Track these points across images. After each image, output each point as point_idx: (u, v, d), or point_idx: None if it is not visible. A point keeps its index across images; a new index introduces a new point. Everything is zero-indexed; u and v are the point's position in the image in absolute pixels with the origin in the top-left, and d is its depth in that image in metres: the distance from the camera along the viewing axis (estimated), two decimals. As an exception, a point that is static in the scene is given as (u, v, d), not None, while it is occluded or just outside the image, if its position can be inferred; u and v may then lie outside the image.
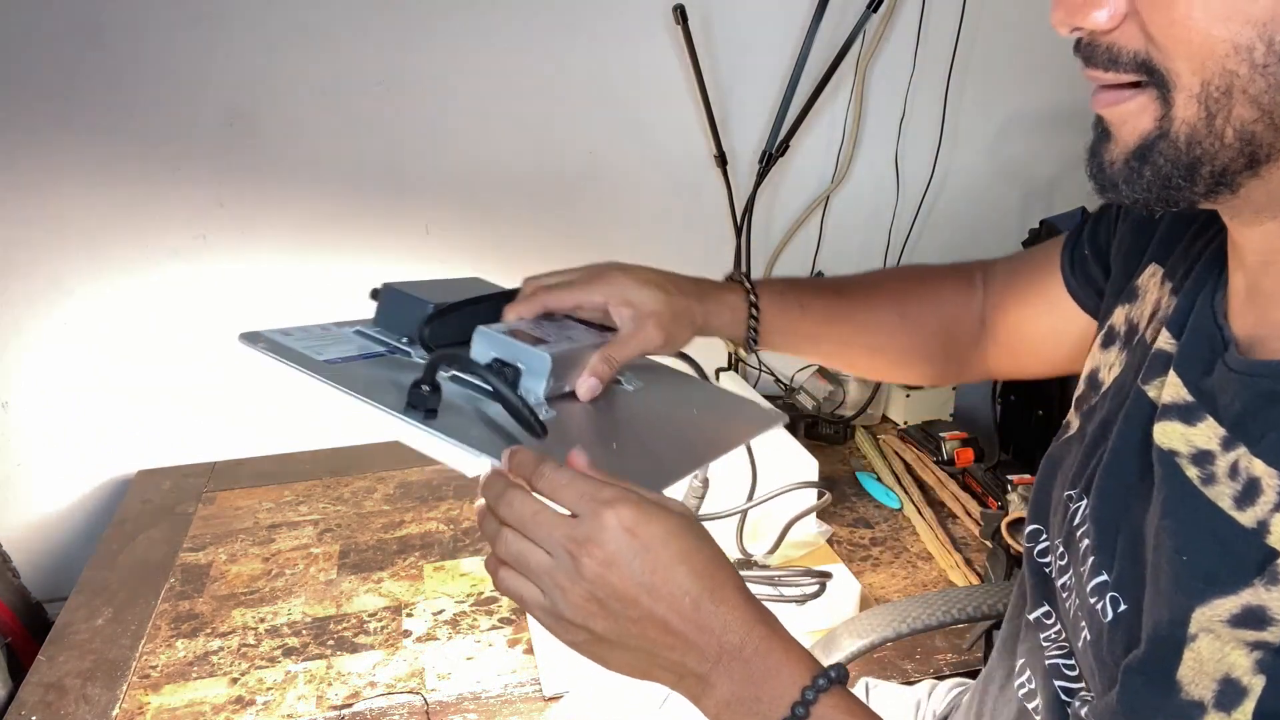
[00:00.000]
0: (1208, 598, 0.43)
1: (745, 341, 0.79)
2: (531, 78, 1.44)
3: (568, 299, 0.71)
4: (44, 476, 1.47)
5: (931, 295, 0.83)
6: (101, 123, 1.32)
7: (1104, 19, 0.45)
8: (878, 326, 0.82)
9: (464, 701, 1.00)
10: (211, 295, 1.44)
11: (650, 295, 0.71)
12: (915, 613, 0.88)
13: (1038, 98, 1.66)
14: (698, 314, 0.74)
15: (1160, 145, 0.45)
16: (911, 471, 1.46)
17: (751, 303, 0.78)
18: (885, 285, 0.85)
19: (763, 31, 1.50)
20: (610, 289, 0.71)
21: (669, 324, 0.71)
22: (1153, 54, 0.44)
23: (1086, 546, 0.54)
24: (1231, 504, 0.44)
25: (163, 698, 1.02)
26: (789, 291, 0.80)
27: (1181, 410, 0.49)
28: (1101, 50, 0.46)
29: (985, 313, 0.83)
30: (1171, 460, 0.48)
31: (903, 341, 0.83)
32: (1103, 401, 0.60)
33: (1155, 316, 0.58)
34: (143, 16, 1.28)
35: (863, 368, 0.88)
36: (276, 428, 1.55)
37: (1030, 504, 0.66)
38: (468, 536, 1.31)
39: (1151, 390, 0.53)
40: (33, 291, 1.38)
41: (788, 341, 0.81)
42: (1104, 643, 0.50)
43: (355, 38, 1.36)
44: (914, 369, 0.85)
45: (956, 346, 0.83)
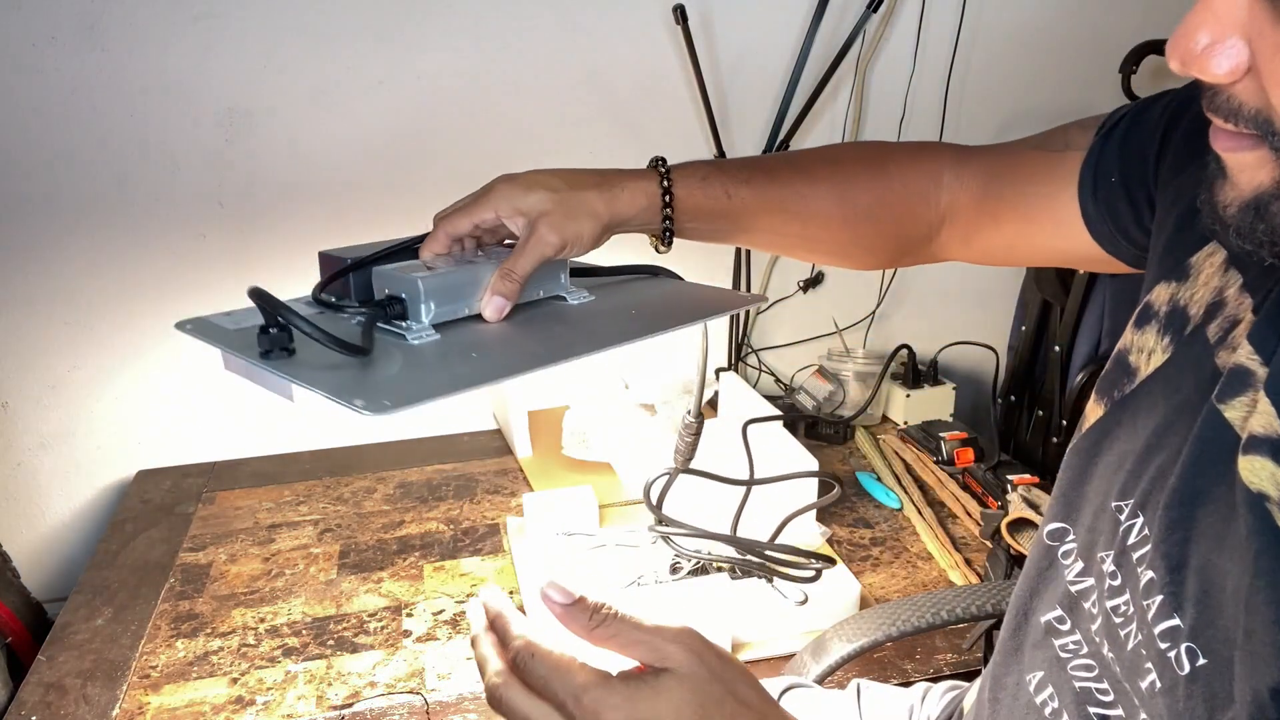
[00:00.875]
0: None
1: (660, 233, 0.71)
2: (531, 78, 1.44)
3: (463, 222, 0.68)
4: (44, 476, 1.47)
5: (881, 185, 0.74)
6: (101, 122, 1.32)
7: (1223, 73, 0.41)
8: (813, 216, 0.74)
9: (464, 701, 1.00)
10: (211, 295, 1.44)
11: (538, 197, 0.67)
12: (905, 615, 0.88)
13: (1038, 98, 1.66)
14: (599, 206, 0.68)
15: (1276, 205, 0.42)
16: (911, 471, 1.46)
17: (665, 188, 0.70)
18: (827, 170, 0.75)
19: (763, 31, 1.50)
20: (498, 200, 0.68)
21: (563, 222, 0.66)
22: (1274, 116, 0.41)
23: (1151, 580, 0.49)
24: None
25: (163, 698, 1.02)
26: (714, 176, 0.72)
27: (1272, 445, 0.44)
28: (1223, 100, 0.43)
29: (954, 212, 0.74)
30: (1262, 506, 0.43)
31: (842, 234, 0.75)
32: (1144, 396, 0.55)
33: (1221, 314, 0.52)
34: (143, 16, 1.29)
35: (797, 254, 0.79)
36: (276, 428, 1.55)
37: (1055, 500, 0.61)
38: (468, 536, 1.31)
39: (1231, 413, 0.47)
40: (33, 291, 1.38)
41: (712, 232, 0.73)
42: (1180, 696, 0.46)
43: (355, 38, 1.36)
44: (854, 259, 0.78)
45: (906, 241, 0.76)
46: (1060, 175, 0.67)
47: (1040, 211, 0.68)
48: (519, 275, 0.65)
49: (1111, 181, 0.62)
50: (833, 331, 1.73)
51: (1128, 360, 0.58)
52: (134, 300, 1.42)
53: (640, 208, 0.70)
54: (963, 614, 0.88)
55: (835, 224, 0.74)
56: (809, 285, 1.70)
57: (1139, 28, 1.51)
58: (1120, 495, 0.54)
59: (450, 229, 0.69)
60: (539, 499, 1.25)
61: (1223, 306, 0.52)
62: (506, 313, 0.65)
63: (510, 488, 1.44)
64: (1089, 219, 0.65)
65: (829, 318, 1.72)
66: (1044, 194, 0.68)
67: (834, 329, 1.72)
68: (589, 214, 0.67)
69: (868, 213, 0.74)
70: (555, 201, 0.67)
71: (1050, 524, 0.60)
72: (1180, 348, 0.54)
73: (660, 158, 0.72)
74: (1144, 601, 0.50)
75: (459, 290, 0.64)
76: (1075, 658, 0.57)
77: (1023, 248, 0.72)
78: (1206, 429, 0.48)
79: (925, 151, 0.75)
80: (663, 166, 0.71)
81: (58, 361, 1.42)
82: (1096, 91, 1.63)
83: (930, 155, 0.75)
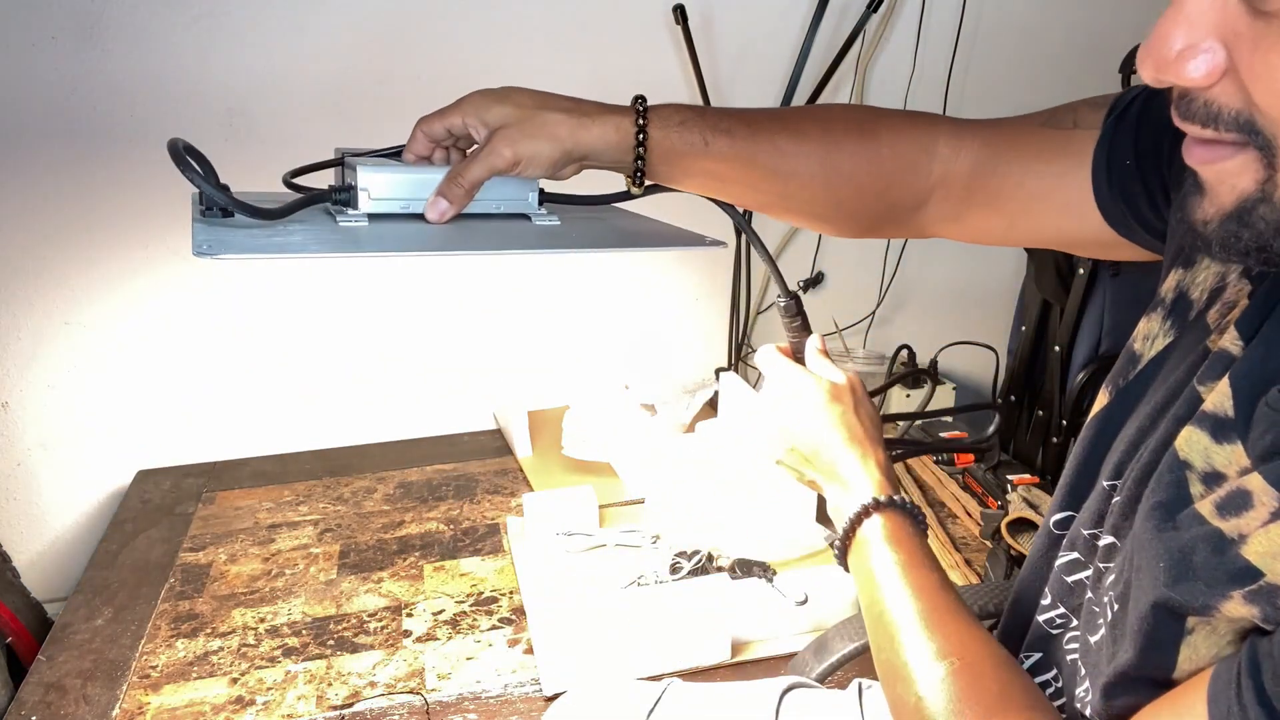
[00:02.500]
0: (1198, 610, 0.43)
1: (632, 172, 0.69)
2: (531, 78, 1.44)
3: (437, 125, 0.69)
4: (44, 476, 1.47)
5: (870, 150, 0.71)
6: (102, 122, 1.32)
7: (1200, 75, 0.40)
8: (793, 175, 0.71)
9: (464, 701, 1.00)
10: (211, 295, 1.44)
11: (502, 110, 0.67)
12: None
13: (1038, 98, 1.65)
14: (562, 131, 0.67)
15: (1261, 209, 0.41)
16: (911, 471, 1.46)
17: (640, 126, 0.68)
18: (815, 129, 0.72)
19: (763, 31, 1.50)
20: (467, 107, 0.68)
21: (519, 138, 0.65)
22: (1256, 115, 0.40)
23: (1109, 544, 0.53)
24: (1212, 510, 0.43)
25: (163, 698, 1.02)
26: (693, 121, 0.69)
27: (1216, 422, 0.46)
28: (1199, 105, 0.42)
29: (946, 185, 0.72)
30: (1181, 472, 0.46)
31: (823, 196, 0.72)
32: (1145, 381, 0.56)
33: (1219, 300, 0.53)
34: (143, 16, 1.28)
35: (777, 214, 0.76)
36: (276, 428, 1.55)
37: (1060, 489, 0.61)
38: (467, 536, 1.31)
39: (1205, 393, 0.49)
40: (33, 291, 1.38)
41: (685, 177, 0.71)
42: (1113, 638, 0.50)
43: (355, 38, 1.36)
44: (833, 224, 0.75)
45: (890, 210, 0.73)
46: (1071, 154, 0.65)
47: (1049, 190, 0.66)
48: (465, 182, 0.65)
49: (1126, 165, 0.61)
50: (833, 331, 1.73)
51: (1133, 348, 0.58)
52: (133, 300, 1.42)
53: (609, 143, 0.68)
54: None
55: (816, 185, 0.71)
56: (809, 285, 1.70)
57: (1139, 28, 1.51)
58: (1114, 475, 0.55)
59: (426, 130, 0.70)
60: (539, 499, 1.25)
61: (1223, 292, 0.53)
62: (449, 216, 0.66)
63: (510, 488, 1.44)
64: (1103, 201, 0.63)
65: (829, 318, 1.72)
66: (1053, 172, 0.66)
67: (834, 329, 1.72)
68: (550, 137, 0.66)
69: (851, 177, 0.71)
70: (518, 118, 0.67)
71: (1056, 514, 0.61)
72: (1183, 332, 0.55)
73: (641, 96, 0.70)
74: (1102, 564, 0.53)
75: (404, 187, 0.66)
76: (1066, 631, 0.58)
77: (1023, 227, 0.70)
78: (1183, 408, 0.50)
79: (920, 120, 0.73)
80: (641, 105, 0.69)
81: (58, 361, 1.42)
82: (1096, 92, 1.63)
83: (925, 124, 0.72)
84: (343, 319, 1.50)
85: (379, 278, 1.50)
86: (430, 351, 1.57)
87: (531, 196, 0.71)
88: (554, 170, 0.68)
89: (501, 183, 0.69)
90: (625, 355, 1.68)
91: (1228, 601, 0.41)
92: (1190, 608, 0.43)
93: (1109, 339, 1.39)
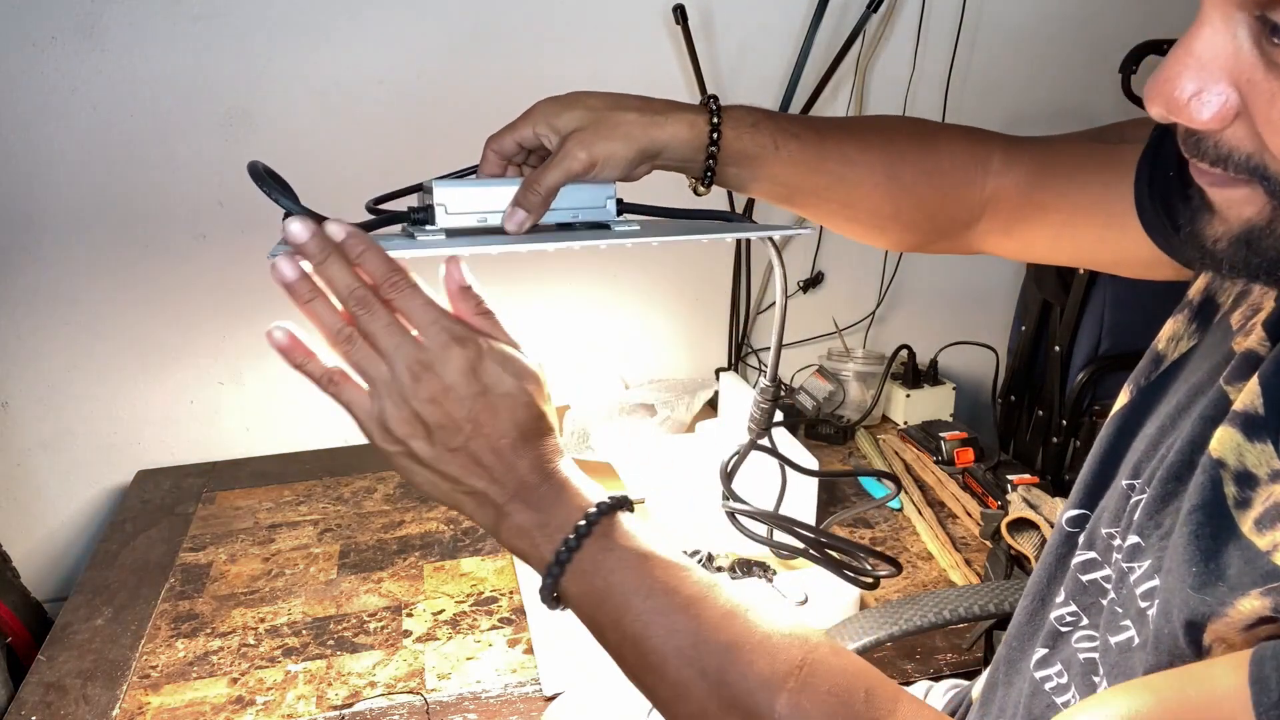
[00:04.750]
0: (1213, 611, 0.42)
1: (701, 170, 0.68)
2: (531, 78, 1.44)
3: (507, 140, 0.68)
4: (44, 476, 1.47)
5: (930, 160, 0.72)
6: (101, 123, 1.32)
7: (1206, 116, 0.40)
8: (859, 184, 0.71)
9: (464, 701, 1.00)
10: (211, 295, 1.44)
11: (574, 114, 0.66)
12: (905, 615, 0.88)
13: (1038, 98, 1.66)
14: (636, 130, 0.66)
15: (1268, 239, 0.42)
16: (911, 471, 1.46)
17: (714, 125, 0.67)
18: (877, 138, 0.73)
19: (763, 31, 1.50)
20: (536, 117, 0.67)
21: (594, 140, 0.65)
22: (1268, 161, 0.40)
23: (1134, 544, 0.52)
24: (1251, 526, 0.43)
25: (163, 698, 1.02)
26: (764, 123, 0.69)
27: (1248, 420, 0.45)
28: (1209, 145, 0.42)
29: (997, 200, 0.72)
30: (1216, 471, 0.45)
31: (885, 207, 0.72)
32: (1168, 381, 0.56)
33: (1245, 302, 0.53)
34: (143, 16, 1.28)
35: (837, 222, 0.75)
36: (276, 428, 1.55)
37: (1077, 487, 0.61)
38: (468, 536, 1.31)
39: (1233, 393, 0.49)
40: (33, 291, 1.38)
41: (753, 180, 0.70)
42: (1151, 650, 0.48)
43: (355, 38, 1.36)
44: (893, 236, 0.75)
45: (947, 223, 0.74)
46: (1116, 166, 0.64)
47: (1092, 203, 0.66)
48: (542, 188, 0.64)
49: (1169, 176, 0.60)
50: (833, 332, 1.73)
51: (1157, 349, 0.58)
52: (134, 300, 1.42)
53: (682, 140, 0.67)
54: (963, 614, 0.88)
55: (879, 194, 0.71)
56: (809, 285, 1.70)
57: (1139, 28, 1.51)
58: (1133, 474, 0.55)
59: (497, 147, 0.68)
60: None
61: (1248, 294, 0.53)
62: (527, 226, 0.64)
63: (510, 488, 1.44)
64: (1144, 211, 0.62)
65: (829, 318, 1.72)
66: (1097, 183, 0.66)
67: (834, 329, 1.72)
68: (624, 136, 0.66)
69: (912, 186, 0.71)
70: (590, 119, 0.66)
71: (1070, 510, 0.61)
72: (1207, 335, 0.55)
73: (713, 95, 0.70)
74: (1126, 564, 0.51)
75: (480, 199, 0.64)
76: (1075, 629, 0.57)
77: (1067, 242, 0.70)
78: (1210, 408, 0.49)
79: (976, 134, 0.73)
80: (715, 104, 0.69)
81: (58, 361, 1.42)
82: (1096, 91, 1.63)
83: (981, 138, 0.73)
84: (343, 319, 1.50)
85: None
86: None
87: (610, 204, 0.69)
88: (629, 170, 0.67)
89: (577, 190, 0.67)
90: (625, 355, 1.68)
91: (1244, 598, 0.41)
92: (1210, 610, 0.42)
93: (1109, 339, 1.39)
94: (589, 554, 0.53)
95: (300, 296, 0.55)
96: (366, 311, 0.53)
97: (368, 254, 0.54)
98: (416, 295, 0.53)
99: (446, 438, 0.53)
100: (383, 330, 0.53)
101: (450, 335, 0.53)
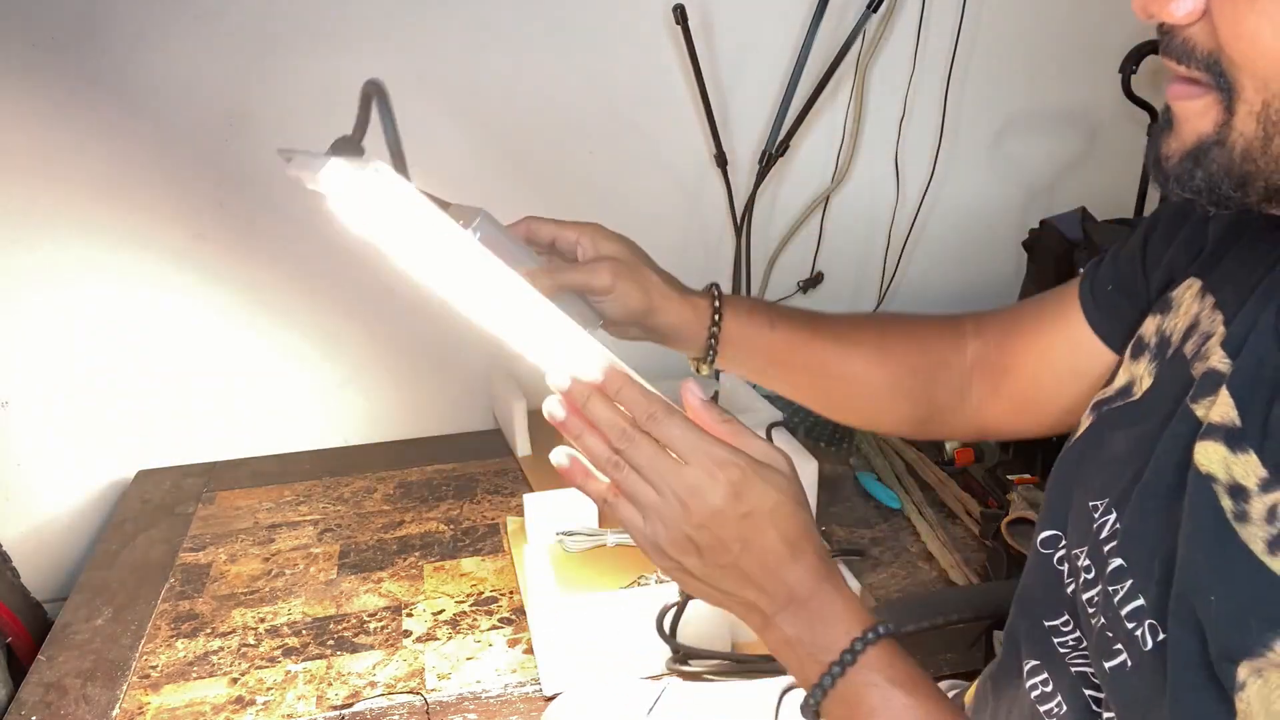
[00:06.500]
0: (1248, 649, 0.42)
1: (704, 349, 0.74)
2: (531, 78, 1.44)
3: (547, 229, 0.74)
4: (44, 476, 1.47)
5: (916, 334, 0.79)
6: (101, 122, 1.32)
7: (1180, 13, 0.45)
8: (854, 353, 0.76)
9: (464, 701, 1.00)
10: (211, 295, 1.44)
11: (617, 246, 0.72)
12: (905, 615, 0.88)
13: (1038, 98, 1.66)
14: (655, 294, 0.72)
15: (1215, 152, 0.45)
16: (912, 471, 1.46)
17: (715, 308, 0.73)
18: (862, 318, 0.81)
19: (763, 31, 1.50)
20: (586, 231, 0.73)
21: (622, 273, 0.70)
22: (1222, 59, 0.44)
23: (1118, 567, 0.53)
24: (1264, 549, 0.43)
25: (163, 698, 1.02)
26: (759, 307, 0.76)
27: (1228, 433, 0.47)
28: (1178, 43, 0.46)
29: (981, 363, 0.77)
30: (1209, 487, 0.47)
31: (881, 375, 0.76)
32: (1133, 410, 0.58)
33: (1196, 332, 0.56)
34: (143, 16, 1.28)
35: (836, 400, 0.79)
36: (276, 428, 1.55)
37: (1044, 508, 0.63)
38: (467, 536, 1.31)
39: (1200, 409, 0.51)
40: (33, 291, 1.38)
41: (752, 359, 0.76)
42: (1146, 671, 0.49)
43: (355, 38, 1.36)
44: (893, 408, 0.78)
45: (941, 390, 0.78)
46: (1064, 299, 0.71)
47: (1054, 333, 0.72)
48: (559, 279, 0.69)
49: (1108, 290, 0.67)
50: (833, 331, 1.73)
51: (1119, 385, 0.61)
52: (134, 299, 1.42)
53: (685, 320, 0.73)
54: (963, 614, 0.88)
55: (873, 363, 0.76)
56: (809, 285, 1.70)
57: (1139, 28, 1.51)
58: (1098, 495, 0.57)
59: (535, 227, 0.74)
60: (539, 499, 1.24)
61: (1198, 326, 0.56)
62: None
63: (510, 488, 1.44)
64: (1094, 322, 0.68)
65: (829, 318, 1.72)
66: (1052, 315, 0.72)
67: (834, 329, 1.72)
68: (644, 288, 0.71)
69: (903, 355, 0.77)
70: (629, 259, 0.72)
71: (1043, 532, 0.63)
72: (1164, 368, 0.58)
73: (715, 283, 0.76)
74: (1111, 587, 0.53)
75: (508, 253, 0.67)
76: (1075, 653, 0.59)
77: (1046, 378, 0.74)
78: (1179, 425, 0.52)
79: (946, 316, 0.81)
80: (716, 290, 0.75)
81: (58, 361, 1.42)
82: (1096, 91, 1.63)
83: (951, 317, 0.80)
84: (343, 319, 1.50)
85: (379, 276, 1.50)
86: (431, 351, 1.57)
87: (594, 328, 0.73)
88: (627, 317, 0.72)
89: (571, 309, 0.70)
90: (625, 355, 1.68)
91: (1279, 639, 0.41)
92: (1241, 647, 0.42)
93: (1109, 339, 1.39)
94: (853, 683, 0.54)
95: (571, 432, 0.59)
96: (630, 445, 0.56)
97: (624, 390, 0.57)
98: (674, 423, 0.55)
99: (717, 556, 0.55)
100: (647, 462, 0.55)
101: (712, 460, 0.54)
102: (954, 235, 1.73)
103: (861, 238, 1.69)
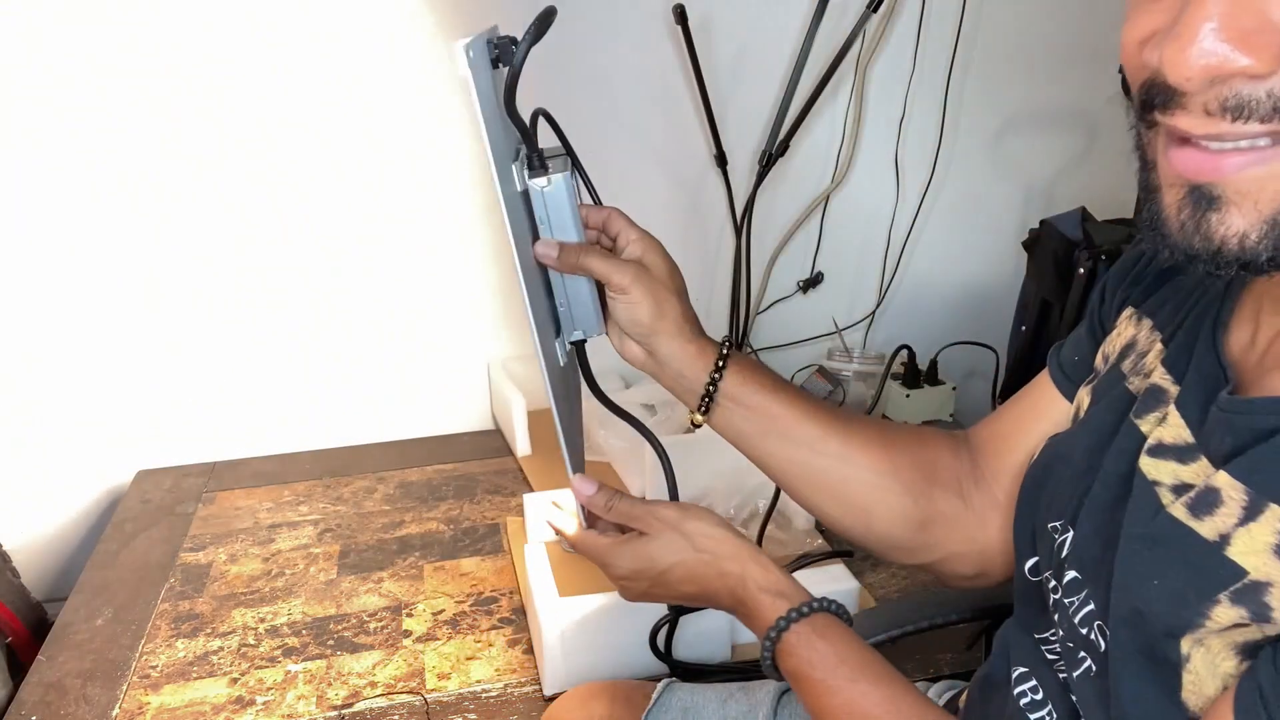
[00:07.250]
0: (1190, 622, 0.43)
1: (701, 396, 0.71)
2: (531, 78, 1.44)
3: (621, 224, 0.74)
4: (44, 476, 1.47)
5: (916, 431, 0.77)
6: (101, 122, 1.32)
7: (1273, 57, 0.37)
8: (856, 435, 0.73)
9: (464, 701, 1.00)
10: (211, 295, 1.44)
11: (660, 262, 0.72)
12: (905, 615, 0.88)
13: (1038, 98, 1.66)
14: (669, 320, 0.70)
15: None
16: (911, 471, 1.46)
17: (722, 354, 0.71)
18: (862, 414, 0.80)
19: (763, 31, 1.50)
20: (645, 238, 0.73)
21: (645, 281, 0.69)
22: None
23: (1072, 579, 0.54)
24: (1186, 514, 0.45)
25: (163, 698, 1.02)
26: (765, 371, 0.74)
27: (1179, 451, 0.48)
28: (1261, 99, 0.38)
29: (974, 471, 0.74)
30: (1151, 489, 0.48)
31: (883, 460, 0.72)
32: (1080, 432, 0.60)
33: (1133, 351, 0.58)
34: (142, 15, 1.28)
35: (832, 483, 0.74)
36: (276, 428, 1.55)
37: (1017, 538, 0.64)
38: (468, 536, 1.31)
39: (1145, 425, 0.52)
40: (32, 291, 1.38)
41: (748, 421, 0.72)
42: (1104, 673, 0.50)
43: (355, 38, 1.36)
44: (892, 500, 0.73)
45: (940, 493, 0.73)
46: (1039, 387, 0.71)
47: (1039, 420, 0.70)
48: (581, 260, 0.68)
49: (1075, 360, 0.67)
50: (833, 331, 1.73)
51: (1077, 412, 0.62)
52: (133, 299, 1.42)
53: (689, 355, 0.71)
54: (963, 614, 0.88)
55: (874, 445, 0.73)
56: (809, 285, 1.70)
57: (1139, 28, 1.51)
58: (1055, 516, 0.58)
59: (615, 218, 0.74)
60: (539, 499, 1.25)
61: (1135, 345, 0.58)
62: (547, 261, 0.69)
63: (510, 488, 1.44)
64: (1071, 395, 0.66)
65: (829, 318, 1.72)
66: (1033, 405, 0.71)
67: (834, 329, 1.72)
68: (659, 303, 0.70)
69: (905, 445, 0.74)
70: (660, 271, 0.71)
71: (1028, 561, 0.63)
72: (1101, 385, 0.60)
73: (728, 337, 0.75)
74: (1068, 599, 0.54)
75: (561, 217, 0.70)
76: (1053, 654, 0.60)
77: None
78: (1124, 440, 0.53)
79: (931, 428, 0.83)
80: (727, 343, 0.73)
81: (58, 362, 1.42)
82: (1096, 91, 1.63)
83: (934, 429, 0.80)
84: (343, 318, 1.50)
85: (378, 277, 1.50)
86: (431, 351, 1.57)
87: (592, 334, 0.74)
88: (633, 327, 0.71)
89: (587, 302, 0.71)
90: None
91: (1216, 606, 0.42)
92: (1183, 622, 0.43)
93: (1109, 339, 1.39)
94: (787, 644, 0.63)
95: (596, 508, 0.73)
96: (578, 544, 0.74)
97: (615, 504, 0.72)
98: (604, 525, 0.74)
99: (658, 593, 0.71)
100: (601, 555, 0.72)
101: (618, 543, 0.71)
102: (954, 235, 1.73)
103: (861, 238, 1.69)
